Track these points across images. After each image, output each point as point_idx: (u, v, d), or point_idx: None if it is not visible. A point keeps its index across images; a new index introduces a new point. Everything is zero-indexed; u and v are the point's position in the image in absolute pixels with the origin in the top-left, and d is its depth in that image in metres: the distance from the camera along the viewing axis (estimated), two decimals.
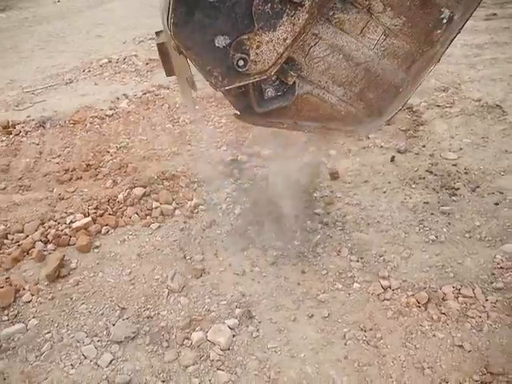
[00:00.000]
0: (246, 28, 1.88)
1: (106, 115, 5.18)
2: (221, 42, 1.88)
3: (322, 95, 2.31)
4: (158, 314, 2.81)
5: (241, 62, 1.92)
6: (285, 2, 1.85)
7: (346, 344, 2.53)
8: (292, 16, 1.90)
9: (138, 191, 3.83)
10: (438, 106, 4.94)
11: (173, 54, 2.31)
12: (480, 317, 2.60)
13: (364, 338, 2.54)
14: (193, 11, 1.82)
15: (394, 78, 2.34)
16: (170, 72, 2.47)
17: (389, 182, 3.88)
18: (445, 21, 2.25)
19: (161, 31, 2.58)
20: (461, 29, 2.30)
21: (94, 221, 3.57)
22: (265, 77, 2.01)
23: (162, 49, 2.38)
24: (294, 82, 2.18)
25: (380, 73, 2.31)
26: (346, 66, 2.26)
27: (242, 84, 2.01)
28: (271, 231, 3.40)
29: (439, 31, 2.27)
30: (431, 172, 3.94)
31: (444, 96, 5.14)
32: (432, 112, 4.85)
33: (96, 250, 3.36)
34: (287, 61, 2.12)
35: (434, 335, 2.52)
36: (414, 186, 3.81)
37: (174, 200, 3.80)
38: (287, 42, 1.95)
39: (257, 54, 1.93)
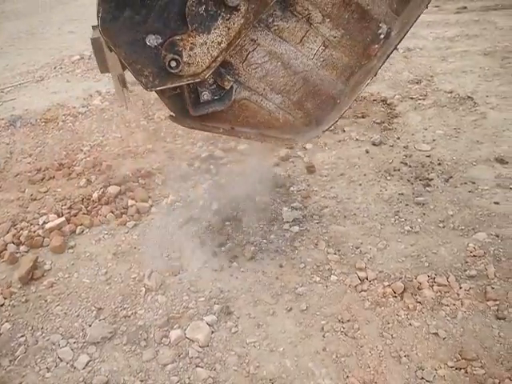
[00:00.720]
0: (178, 28, 1.83)
1: (79, 113, 5.08)
2: (152, 41, 1.82)
3: (260, 102, 2.29)
4: (136, 313, 2.77)
5: (173, 63, 1.86)
6: (220, 5, 1.81)
7: (324, 336, 2.54)
8: (227, 20, 1.86)
9: (113, 189, 3.77)
10: (412, 98, 5.00)
11: (107, 50, 2.24)
12: (454, 304, 2.64)
13: (342, 330, 2.56)
14: (122, 7, 1.74)
15: (333, 89, 2.36)
16: (104, 69, 2.39)
17: (364, 175, 3.91)
18: (382, 36, 2.27)
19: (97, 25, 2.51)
20: (397, 45, 2.33)
21: (68, 221, 3.50)
22: (198, 80, 1.97)
23: (95, 44, 2.28)
24: (232, 87, 2.15)
25: (318, 83, 2.32)
26: (285, 74, 2.25)
27: (173, 86, 1.96)
28: (249, 226, 3.39)
29: (377, 46, 2.29)
30: (406, 164, 3.99)
31: (417, 88, 5.20)
32: (406, 104, 4.91)
33: (71, 251, 3.29)
34: (224, 65, 2.09)
35: (410, 324, 2.55)
36: (389, 177, 3.85)
37: (150, 197, 3.75)
38: (222, 45, 1.91)
39: (190, 55, 1.88)
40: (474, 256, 2.97)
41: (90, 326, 2.71)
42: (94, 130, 4.72)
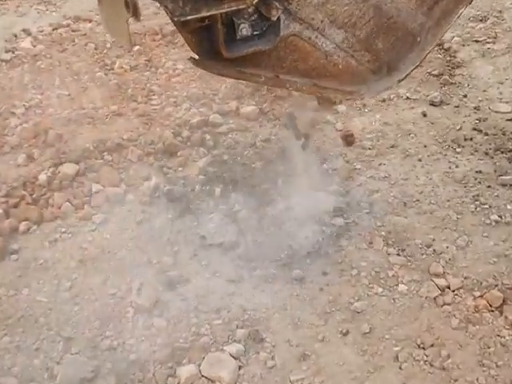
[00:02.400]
0: None
1: (2, 60, 4.95)
2: None
3: (315, 39, 2.28)
4: (124, 343, 2.74)
5: None
6: None
7: (400, 368, 2.56)
8: None
9: (68, 169, 3.72)
10: (477, 41, 5.08)
11: None
12: None
13: (425, 358, 2.59)
14: None
15: (411, 23, 2.38)
16: None
17: (424, 146, 3.97)
18: None
19: None
20: None
21: (7, 214, 3.42)
22: (244, 6, 1.96)
23: None
24: (279, 18, 2.12)
25: (393, 14, 2.32)
26: (351, 1, 2.24)
27: (210, 14, 1.94)
28: (271, 220, 3.38)
29: None
30: (480, 130, 4.07)
31: (482, 28, 5.28)
32: (469, 50, 4.99)
33: (14, 257, 3.22)
34: None
35: None
36: (458, 150, 3.92)
37: (122, 180, 3.71)
38: None
39: None
40: None
41: (57, 363, 2.65)
42: (27, 85, 4.60)
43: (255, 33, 2.13)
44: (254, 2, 2.01)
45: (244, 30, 2.09)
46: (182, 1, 1.86)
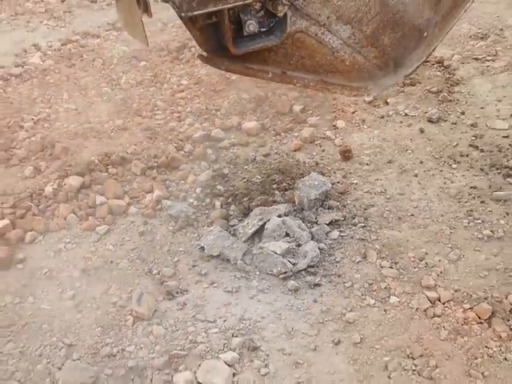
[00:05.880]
0: None
1: (12, 75, 5.10)
2: None
3: (321, 36, 2.34)
4: (123, 350, 2.84)
5: None
6: None
7: (389, 377, 2.64)
8: None
9: (74, 181, 3.83)
10: (477, 59, 5.19)
11: None
12: None
13: (413, 368, 2.67)
14: None
15: (418, 18, 2.43)
16: None
17: (421, 162, 4.07)
18: None
19: None
20: None
21: (14, 224, 3.54)
22: (250, 1, 2.02)
23: None
24: (285, 15, 2.18)
25: (400, 9, 2.37)
26: None
27: (216, 9, 2.00)
28: (269, 232, 3.45)
29: None
30: (476, 147, 4.16)
31: (483, 46, 5.39)
32: (469, 67, 5.09)
33: (20, 266, 3.34)
34: None
35: (506, 358, 2.68)
36: (454, 166, 4.01)
37: (126, 193, 3.83)
38: None
39: None
40: None
41: (59, 368, 2.75)
42: (36, 99, 4.75)
43: (262, 29, 2.20)
44: None
45: (251, 26, 2.15)
46: None
